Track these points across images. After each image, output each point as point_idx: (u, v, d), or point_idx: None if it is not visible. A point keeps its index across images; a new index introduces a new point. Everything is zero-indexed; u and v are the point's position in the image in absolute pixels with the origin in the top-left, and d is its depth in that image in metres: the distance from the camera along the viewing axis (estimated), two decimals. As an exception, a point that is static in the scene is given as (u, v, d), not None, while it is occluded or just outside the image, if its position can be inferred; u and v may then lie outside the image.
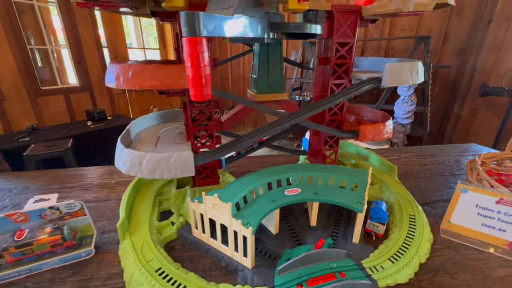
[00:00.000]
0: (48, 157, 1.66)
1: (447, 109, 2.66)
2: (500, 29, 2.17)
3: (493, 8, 2.16)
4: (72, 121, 2.61)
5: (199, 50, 0.26)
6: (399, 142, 2.46)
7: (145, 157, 0.39)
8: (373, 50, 2.83)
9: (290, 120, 0.46)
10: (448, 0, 0.40)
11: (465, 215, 0.49)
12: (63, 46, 2.55)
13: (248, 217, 0.41)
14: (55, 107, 2.49)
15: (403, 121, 2.41)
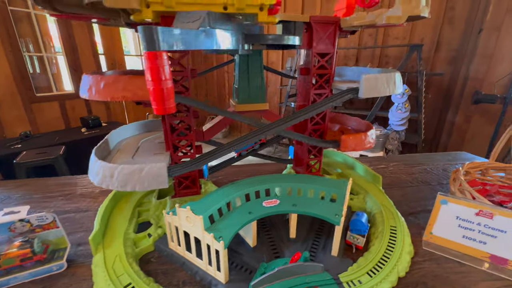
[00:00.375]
0: (39, 164, 1.64)
1: (441, 116, 2.67)
2: (490, 38, 2.21)
3: (483, 17, 2.20)
4: (67, 127, 2.61)
5: (159, 64, 0.26)
6: (394, 149, 2.46)
7: (116, 169, 0.39)
8: (367, 59, 2.87)
9: (268, 130, 0.46)
10: (421, 13, 0.40)
11: (446, 227, 0.49)
12: (59, 53, 2.57)
13: (222, 230, 0.40)
14: (50, 114, 2.48)
15: (397, 128, 2.42)
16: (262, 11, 0.34)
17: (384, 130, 2.42)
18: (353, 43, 2.89)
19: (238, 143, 0.44)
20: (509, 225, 0.43)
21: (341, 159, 0.81)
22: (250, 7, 0.34)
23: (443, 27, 2.46)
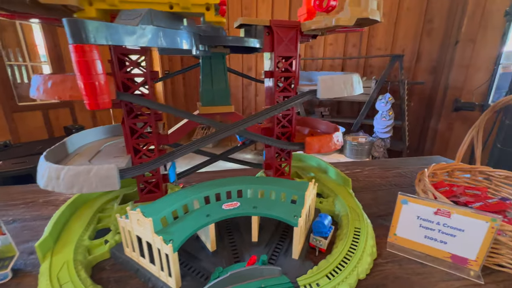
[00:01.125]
0: (16, 174, 1.59)
1: (424, 123, 2.74)
2: (466, 49, 2.30)
3: (459, 30, 2.30)
4: (50, 137, 2.55)
5: (88, 58, 0.25)
6: (380, 156, 2.49)
7: (62, 171, 0.37)
8: (353, 68, 2.94)
9: (227, 131, 0.46)
10: (370, 16, 0.42)
11: (409, 228, 0.48)
12: (44, 62, 2.54)
13: (173, 233, 0.39)
14: (32, 123, 2.43)
15: (382, 136, 2.46)
16: (209, 11, 0.35)
17: (370, 138, 2.46)
18: (338, 53, 2.97)
19: (195, 145, 0.43)
20: (467, 223, 0.43)
21: (315, 164, 0.81)
22: (196, 7, 0.34)
23: (422, 39, 2.56)
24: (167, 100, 3.77)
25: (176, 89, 3.96)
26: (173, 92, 3.88)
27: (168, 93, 3.82)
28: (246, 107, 3.90)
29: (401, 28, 2.62)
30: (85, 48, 0.25)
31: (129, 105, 0.48)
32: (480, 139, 0.62)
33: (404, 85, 2.29)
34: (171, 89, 3.85)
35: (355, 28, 0.55)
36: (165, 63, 3.75)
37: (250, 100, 3.85)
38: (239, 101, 3.87)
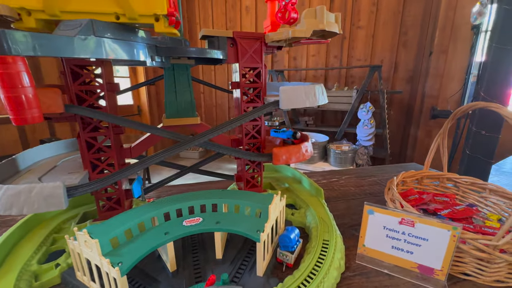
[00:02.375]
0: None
1: (405, 131, 2.82)
2: (440, 59, 2.42)
3: (432, 42, 2.43)
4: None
5: (11, 70, 0.24)
6: (363, 163, 2.52)
7: (0, 190, 0.34)
8: (335, 78, 3.03)
9: (191, 142, 0.44)
10: (327, 28, 0.42)
11: (376, 238, 0.48)
12: (20, 74, 2.46)
13: (124, 255, 0.36)
14: (6, 137, 2.32)
15: (365, 143, 2.51)
16: (158, 22, 0.34)
17: (353, 146, 2.50)
18: (320, 64, 3.05)
19: (154, 159, 0.41)
20: (430, 232, 0.43)
21: (290, 174, 0.80)
22: (144, 17, 0.33)
23: (399, 50, 2.68)
24: (152, 108, 3.72)
25: (161, 98, 3.92)
26: (158, 101, 3.83)
27: (153, 101, 3.77)
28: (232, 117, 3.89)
29: (379, 40, 2.73)
30: (8, 60, 0.23)
31: (85, 118, 0.46)
32: (445, 146, 0.64)
33: (383, 94, 2.36)
34: (156, 98, 3.81)
35: (320, 39, 0.56)
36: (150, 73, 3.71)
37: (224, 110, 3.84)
38: (225, 112, 3.87)
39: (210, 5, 3.57)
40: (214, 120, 3.93)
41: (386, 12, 2.64)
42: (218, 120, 3.94)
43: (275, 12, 0.55)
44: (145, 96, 3.73)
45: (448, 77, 2.43)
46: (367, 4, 2.70)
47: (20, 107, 0.25)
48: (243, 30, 3.45)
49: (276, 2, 0.55)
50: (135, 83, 3.71)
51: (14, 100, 0.25)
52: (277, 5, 0.55)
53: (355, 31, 2.80)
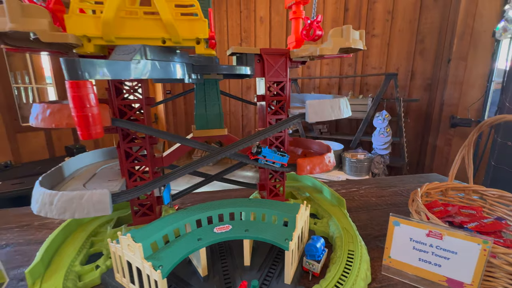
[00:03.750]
0: (14, 195, 1.58)
1: (423, 139, 2.75)
2: (459, 67, 2.37)
3: (450, 49, 2.38)
4: (51, 157, 2.57)
5: (82, 93, 0.27)
6: (380, 173, 2.47)
7: (56, 196, 0.38)
8: (349, 86, 3.02)
9: (219, 154, 0.47)
10: (353, 45, 0.44)
11: (402, 250, 0.48)
12: (49, 84, 2.62)
13: (163, 259, 0.39)
14: (35, 144, 2.46)
15: (381, 152, 2.46)
16: (199, 45, 0.37)
17: (369, 154, 2.46)
18: (335, 72, 3.06)
19: (186, 169, 0.44)
20: (459, 245, 0.43)
21: (310, 183, 0.81)
22: (187, 41, 0.37)
23: (415, 58, 2.64)
24: (168, 117, 3.84)
25: (177, 107, 4.05)
26: (174, 110, 3.96)
27: (169, 111, 3.89)
28: (245, 125, 3.95)
29: (394, 48, 2.71)
30: (80, 84, 0.27)
31: (124, 130, 0.50)
32: (470, 158, 0.63)
33: (400, 103, 2.33)
34: (172, 108, 3.93)
35: (342, 54, 0.58)
36: (167, 84, 3.85)
37: (250, 118, 3.90)
38: (238, 120, 3.93)
39: (225, 16, 3.69)
40: (228, 127, 4.00)
41: (402, 20, 2.63)
42: (231, 127, 3.99)
43: (299, 29, 0.58)
44: (162, 104, 3.86)
45: (468, 84, 2.36)
46: (382, 13, 2.71)
47: (87, 124, 0.29)
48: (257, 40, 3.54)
49: (301, 19, 0.57)
50: (153, 92, 3.86)
51: (83, 118, 0.28)
52: (301, 22, 0.58)
53: (369, 39, 2.80)
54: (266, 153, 0.52)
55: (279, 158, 0.54)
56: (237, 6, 3.58)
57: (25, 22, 0.29)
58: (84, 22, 0.33)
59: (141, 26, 0.35)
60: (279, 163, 0.54)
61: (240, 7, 3.57)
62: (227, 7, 3.64)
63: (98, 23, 0.34)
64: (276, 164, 0.54)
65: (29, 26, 0.30)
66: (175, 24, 0.34)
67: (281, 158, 0.54)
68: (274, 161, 0.53)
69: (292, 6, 0.57)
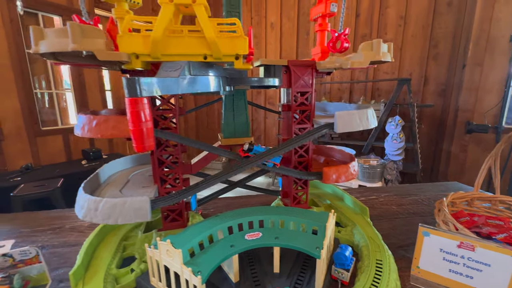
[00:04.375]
0: (36, 197, 1.64)
1: (437, 145, 2.70)
2: (474, 72, 2.33)
3: (465, 54, 2.35)
4: (68, 160, 2.65)
5: (139, 108, 0.29)
6: (393, 179, 2.44)
7: (100, 202, 0.40)
8: (361, 91, 3.00)
9: (250, 164, 0.49)
10: (382, 58, 0.45)
11: (432, 260, 0.48)
12: (68, 89, 2.72)
13: (201, 264, 0.40)
14: (53, 147, 2.55)
15: (394, 158, 2.43)
16: (237, 60, 0.39)
17: (381, 160, 2.43)
18: (346, 77, 3.05)
19: (220, 177, 0.46)
20: (492, 258, 0.43)
21: (330, 191, 0.82)
22: (227, 57, 0.39)
23: (429, 63, 2.62)
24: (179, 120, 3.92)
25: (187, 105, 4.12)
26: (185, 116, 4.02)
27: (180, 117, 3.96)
28: (255, 129, 3.97)
29: (407, 53, 2.69)
30: (138, 101, 0.29)
31: (158, 138, 0.52)
32: (497, 168, 0.63)
33: (413, 108, 2.30)
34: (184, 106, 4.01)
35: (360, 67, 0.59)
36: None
37: (260, 122, 3.92)
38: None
39: (236, 23, 3.75)
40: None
41: (415, 26, 2.61)
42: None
43: (324, 41, 0.59)
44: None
45: (484, 90, 2.32)
46: (394, 18, 2.70)
47: (142, 137, 0.31)
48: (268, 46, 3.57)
49: (326, 31, 0.59)
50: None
51: (139, 132, 0.30)
52: (326, 34, 0.60)
53: (381, 45, 2.79)
54: (258, 151, 0.50)
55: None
56: (248, 13, 3.64)
57: (85, 42, 0.32)
58: (134, 41, 0.36)
59: (185, 44, 0.37)
60: (271, 162, 0.51)
61: (251, 13, 3.62)
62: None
63: (146, 41, 0.36)
64: (268, 164, 0.51)
65: (88, 46, 0.32)
66: (217, 42, 0.36)
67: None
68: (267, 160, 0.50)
69: (317, 19, 0.58)
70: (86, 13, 0.42)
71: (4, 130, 2.20)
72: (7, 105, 2.20)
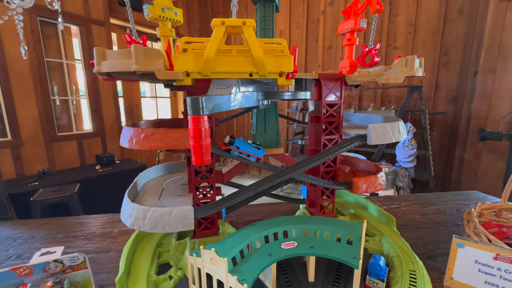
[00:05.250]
0: (54, 202, 1.68)
1: (449, 152, 2.67)
2: (487, 79, 2.32)
3: (477, 61, 2.35)
4: (82, 165, 2.70)
5: (201, 126, 0.31)
6: (404, 186, 2.42)
7: (148, 212, 0.42)
8: (370, 98, 3.01)
9: (285, 174, 0.50)
10: (416, 74, 0.47)
11: (466, 272, 0.48)
12: (83, 96, 2.80)
13: (244, 273, 0.42)
14: (68, 152, 2.60)
15: (405, 165, 2.42)
16: (281, 77, 0.41)
17: (393, 167, 2.42)
18: (355, 84, 3.06)
19: (259, 186, 0.48)
20: (530, 270, 0.43)
21: (353, 199, 0.83)
22: (271, 74, 0.41)
23: (439, 70, 2.61)
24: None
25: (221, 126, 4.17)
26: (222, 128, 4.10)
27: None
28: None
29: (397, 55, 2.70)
30: (200, 119, 0.31)
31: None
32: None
33: (425, 115, 2.30)
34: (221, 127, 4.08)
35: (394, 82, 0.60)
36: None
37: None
38: (243, 129, 3.98)
39: (245, 31, 3.81)
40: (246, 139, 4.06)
41: (425, 33, 2.62)
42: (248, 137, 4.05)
43: (352, 55, 0.61)
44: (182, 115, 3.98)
45: (497, 97, 2.30)
46: (404, 25, 2.72)
47: (201, 153, 0.33)
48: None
49: (354, 46, 0.61)
50: (174, 104, 4.01)
51: (199, 148, 0.32)
52: (354, 48, 0.61)
53: (391, 52, 2.81)
54: (240, 144, 0.49)
55: (255, 151, 0.50)
56: (257, 21, 3.69)
57: (147, 63, 0.34)
58: (187, 60, 0.38)
59: (233, 62, 0.39)
60: (254, 156, 0.50)
61: (260, 21, 3.68)
62: (248, 21, 3.76)
63: (197, 60, 0.39)
64: (251, 157, 0.50)
65: (150, 66, 0.34)
66: (264, 60, 0.39)
67: (257, 151, 0.50)
68: (249, 153, 0.49)
69: (346, 33, 0.60)
70: (135, 32, 0.45)
71: (22, 136, 2.26)
72: (26, 112, 2.27)
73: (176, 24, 0.50)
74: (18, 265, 0.42)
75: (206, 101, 0.31)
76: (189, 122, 0.32)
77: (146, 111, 3.62)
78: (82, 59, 2.66)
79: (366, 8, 0.55)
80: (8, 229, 0.77)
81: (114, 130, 2.98)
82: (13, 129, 2.20)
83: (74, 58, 2.68)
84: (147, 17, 0.45)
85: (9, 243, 0.69)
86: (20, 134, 2.25)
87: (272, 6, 0.54)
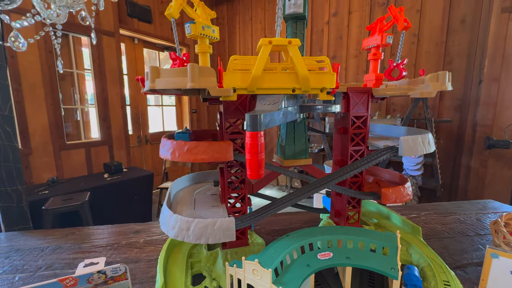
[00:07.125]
0: (66, 210, 1.68)
1: (456, 160, 2.68)
2: (491, 88, 2.36)
3: (481, 70, 2.38)
4: (89, 173, 2.71)
5: (258, 141, 0.33)
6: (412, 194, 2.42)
7: (192, 223, 0.43)
8: (375, 106, 3.04)
9: (321, 186, 0.51)
10: (448, 87, 0.49)
11: (501, 283, 0.49)
12: (92, 105, 2.83)
13: (287, 284, 0.42)
14: (76, 160, 2.62)
15: (413, 173, 2.42)
16: (322, 92, 0.43)
17: (400, 175, 2.42)
18: (360, 93, 3.10)
19: (297, 196, 0.49)
20: None
21: (374, 209, 0.83)
22: (313, 90, 0.42)
23: (444, 79, 2.65)
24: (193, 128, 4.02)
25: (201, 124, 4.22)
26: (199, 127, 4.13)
27: (195, 127, 4.07)
28: (268, 142, 4.01)
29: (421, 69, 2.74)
30: (258, 134, 0.33)
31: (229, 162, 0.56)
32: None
33: (431, 123, 2.32)
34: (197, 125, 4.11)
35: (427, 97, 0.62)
36: (193, 102, 4.03)
37: (272, 136, 3.97)
38: None
39: (250, 40, 3.89)
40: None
41: (428, 43, 2.68)
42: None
43: (377, 68, 0.63)
44: (188, 122, 4.02)
45: (502, 105, 2.33)
46: (406, 36, 2.77)
47: (257, 167, 0.34)
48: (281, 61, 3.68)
49: (379, 60, 0.63)
50: (180, 111, 4.05)
51: (255, 162, 0.34)
52: (379, 62, 0.64)
53: (395, 61, 2.85)
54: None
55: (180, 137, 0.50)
56: (262, 31, 3.78)
57: (202, 81, 0.36)
58: (235, 77, 0.40)
59: (277, 79, 0.41)
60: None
61: (264, 31, 3.76)
62: (252, 32, 3.85)
63: (244, 77, 0.41)
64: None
65: (204, 84, 0.36)
66: (309, 77, 0.40)
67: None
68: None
69: (371, 48, 0.63)
70: (179, 50, 0.47)
71: (32, 144, 2.28)
72: (37, 121, 2.30)
73: (212, 40, 0.52)
74: (52, 276, 0.43)
75: (263, 118, 0.33)
76: (246, 137, 0.33)
77: (152, 120, 3.66)
78: (92, 68, 2.71)
79: (393, 25, 0.58)
80: (33, 239, 0.78)
81: (121, 138, 3.00)
82: (23, 138, 2.22)
83: (84, 68, 2.73)
84: (188, 35, 0.47)
85: (37, 253, 0.69)
86: (30, 143, 2.27)
87: (303, 23, 0.56)
